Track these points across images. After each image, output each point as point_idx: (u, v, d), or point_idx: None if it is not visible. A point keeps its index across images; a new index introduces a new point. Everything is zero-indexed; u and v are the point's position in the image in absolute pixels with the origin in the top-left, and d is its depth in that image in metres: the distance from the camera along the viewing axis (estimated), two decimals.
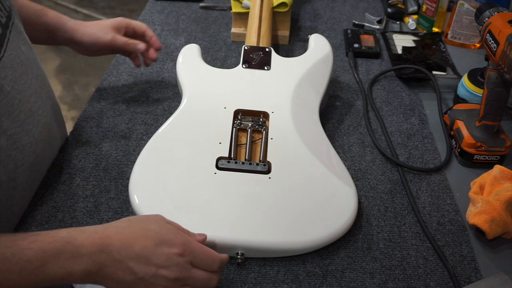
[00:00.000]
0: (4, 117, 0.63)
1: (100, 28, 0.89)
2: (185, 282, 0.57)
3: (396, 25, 1.23)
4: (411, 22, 1.20)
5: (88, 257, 0.54)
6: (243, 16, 1.12)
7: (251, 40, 0.98)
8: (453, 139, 0.87)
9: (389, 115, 0.94)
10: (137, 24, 0.92)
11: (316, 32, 1.13)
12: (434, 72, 1.02)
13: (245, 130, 0.80)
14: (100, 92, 0.97)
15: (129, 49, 0.90)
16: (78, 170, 0.80)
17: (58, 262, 0.53)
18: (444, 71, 1.04)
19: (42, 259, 0.53)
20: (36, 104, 0.71)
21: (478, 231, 0.73)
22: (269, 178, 0.72)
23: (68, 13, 2.84)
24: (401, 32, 1.19)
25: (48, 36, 0.87)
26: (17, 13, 0.72)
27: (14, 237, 0.54)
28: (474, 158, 0.83)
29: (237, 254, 0.66)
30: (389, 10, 1.23)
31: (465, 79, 0.94)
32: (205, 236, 0.63)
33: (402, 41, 1.14)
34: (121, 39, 0.89)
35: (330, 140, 0.80)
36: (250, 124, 0.80)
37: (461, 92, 0.95)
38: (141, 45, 0.90)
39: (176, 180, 0.71)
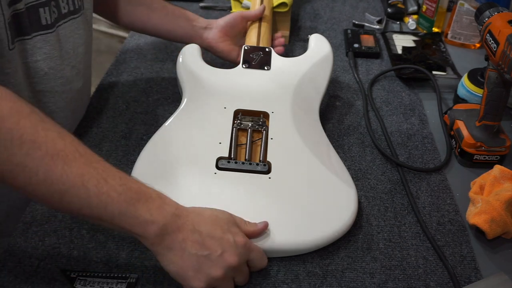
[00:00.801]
0: (36, 79, 0.74)
1: (230, 50, 0.97)
2: (236, 272, 0.61)
3: (396, 25, 1.23)
4: (411, 22, 1.20)
5: (170, 215, 0.58)
6: None
7: (251, 40, 0.98)
8: (453, 139, 0.87)
9: (389, 115, 0.94)
10: (252, 16, 0.99)
11: (316, 32, 1.13)
12: (434, 72, 1.02)
13: (245, 130, 0.80)
14: (100, 92, 0.97)
15: None
16: None
17: (149, 206, 0.57)
18: (444, 71, 1.04)
19: (140, 194, 0.57)
20: (81, 82, 0.83)
21: (478, 231, 0.73)
22: (269, 178, 0.72)
23: None
24: (401, 32, 1.19)
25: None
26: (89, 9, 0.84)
27: (106, 165, 0.57)
28: (474, 158, 0.83)
29: None
30: (389, 10, 1.23)
31: (465, 79, 0.94)
32: (265, 223, 0.66)
33: (402, 41, 1.14)
34: None
35: (330, 140, 0.80)
36: (250, 124, 0.80)
37: (461, 92, 0.95)
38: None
39: (176, 180, 0.71)
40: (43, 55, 0.73)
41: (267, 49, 0.94)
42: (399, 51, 1.11)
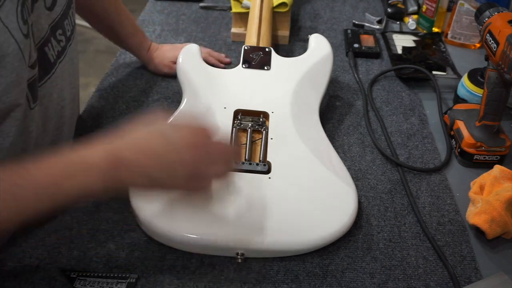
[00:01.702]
0: (49, 122, 0.70)
1: (171, 67, 0.99)
2: (206, 161, 0.58)
3: (396, 25, 1.23)
4: (411, 22, 1.20)
5: (103, 174, 0.54)
6: (243, 16, 1.12)
7: (251, 40, 0.98)
8: (453, 139, 0.87)
9: (389, 115, 0.94)
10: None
11: (316, 32, 1.12)
12: (434, 72, 1.02)
13: (245, 130, 0.80)
14: (100, 92, 0.97)
15: None
16: None
17: (73, 183, 0.53)
18: (444, 71, 1.04)
19: (55, 182, 0.53)
20: (71, 111, 0.77)
21: (478, 231, 0.73)
22: (269, 178, 0.72)
23: None
24: (401, 32, 1.19)
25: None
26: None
27: (25, 166, 0.54)
28: (474, 158, 0.83)
29: (237, 254, 0.66)
30: (389, 10, 1.23)
31: (465, 79, 0.94)
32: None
33: (402, 41, 1.14)
34: None
35: (330, 140, 0.80)
36: (250, 124, 0.80)
37: (461, 92, 0.95)
38: None
39: None
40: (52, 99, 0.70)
41: (267, 49, 0.94)
42: (399, 51, 1.11)
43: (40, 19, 0.65)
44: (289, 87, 0.86)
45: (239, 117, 0.81)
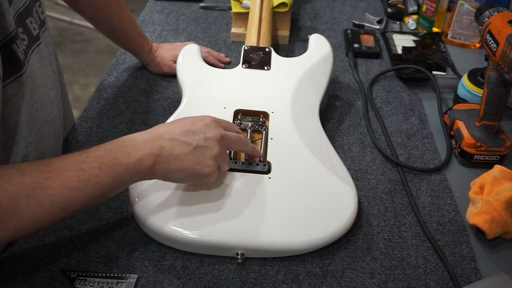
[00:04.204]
0: (24, 124, 0.67)
1: (172, 67, 1.00)
2: (228, 143, 0.67)
3: (396, 25, 1.23)
4: (411, 22, 1.20)
5: (146, 143, 0.61)
6: (243, 16, 1.12)
7: (251, 40, 0.98)
8: (453, 139, 0.87)
9: (389, 115, 0.94)
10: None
11: (316, 32, 1.13)
12: (434, 72, 1.02)
13: (245, 130, 0.80)
14: (100, 92, 0.97)
15: None
16: None
17: (125, 152, 0.60)
18: (444, 71, 1.04)
19: (111, 154, 0.59)
20: (51, 115, 0.74)
21: (478, 231, 0.73)
22: (269, 178, 0.72)
23: (68, 12, 2.84)
24: (401, 32, 1.19)
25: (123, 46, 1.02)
26: (48, 25, 0.77)
27: (80, 151, 0.60)
28: (474, 158, 0.83)
29: (237, 254, 0.66)
30: (389, 10, 1.23)
31: (465, 79, 0.94)
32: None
33: (402, 41, 1.14)
34: None
35: (330, 140, 0.80)
36: (250, 124, 0.80)
37: (461, 92, 0.95)
38: None
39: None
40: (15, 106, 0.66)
41: (267, 49, 0.94)
42: (399, 51, 1.11)
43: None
44: (289, 87, 0.86)
45: (239, 117, 0.81)
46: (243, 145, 0.71)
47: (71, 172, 0.56)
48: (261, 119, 0.81)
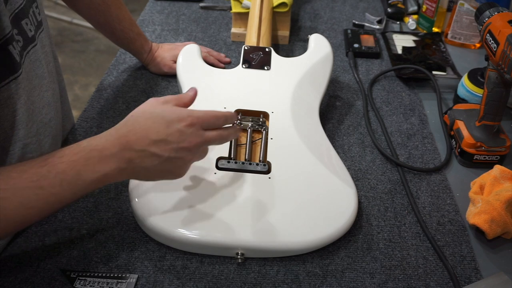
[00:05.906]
0: (20, 126, 0.67)
1: (172, 67, 1.00)
2: (205, 146, 0.64)
3: (396, 25, 1.23)
4: (411, 22, 1.20)
5: (114, 156, 0.58)
6: (243, 16, 1.12)
7: (251, 40, 0.98)
8: (453, 139, 0.87)
9: (389, 115, 0.94)
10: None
11: (316, 32, 1.13)
12: (434, 72, 1.02)
13: (245, 130, 0.80)
14: (100, 92, 0.97)
15: None
16: None
17: (90, 168, 0.57)
18: (444, 71, 1.04)
19: (75, 169, 0.57)
20: (47, 116, 0.74)
21: (478, 231, 0.73)
22: (269, 178, 0.72)
23: (68, 12, 2.84)
24: (401, 32, 1.19)
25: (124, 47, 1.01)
26: (47, 25, 0.76)
27: (43, 157, 0.57)
28: (474, 158, 0.83)
29: (237, 254, 0.66)
30: (389, 10, 1.23)
31: (465, 79, 0.94)
32: (194, 90, 0.66)
33: (402, 41, 1.14)
34: None
35: (330, 140, 0.80)
36: (250, 124, 0.80)
37: (461, 92, 0.95)
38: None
39: (176, 181, 0.71)
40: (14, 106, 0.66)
41: (267, 49, 0.94)
42: (399, 51, 1.11)
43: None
44: (289, 87, 0.86)
45: (239, 117, 0.81)
46: (226, 139, 0.66)
47: (29, 191, 0.55)
48: (261, 119, 0.81)
